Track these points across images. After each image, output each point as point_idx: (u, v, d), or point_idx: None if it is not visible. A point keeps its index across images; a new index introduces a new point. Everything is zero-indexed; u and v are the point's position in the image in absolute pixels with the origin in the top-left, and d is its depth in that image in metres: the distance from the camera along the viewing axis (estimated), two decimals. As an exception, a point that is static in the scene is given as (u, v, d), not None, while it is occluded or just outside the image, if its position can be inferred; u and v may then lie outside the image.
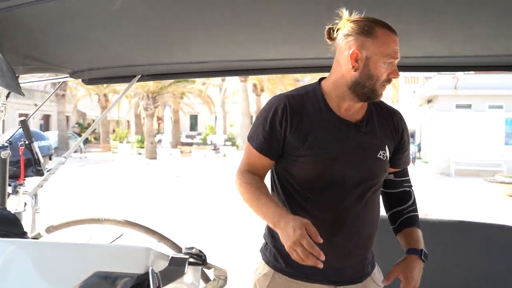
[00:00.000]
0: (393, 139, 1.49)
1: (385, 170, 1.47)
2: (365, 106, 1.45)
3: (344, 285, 1.47)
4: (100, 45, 1.88)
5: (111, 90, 27.44)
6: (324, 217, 1.38)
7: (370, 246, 1.50)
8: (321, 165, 1.38)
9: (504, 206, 10.31)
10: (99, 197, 10.44)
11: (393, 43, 1.34)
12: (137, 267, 1.11)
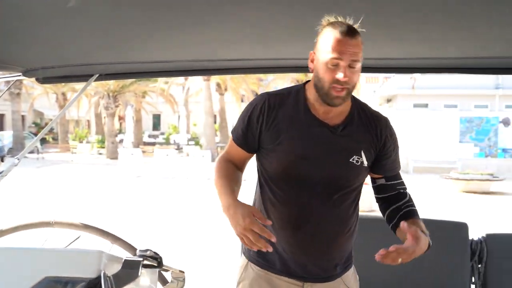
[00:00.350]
0: (373, 145, 1.49)
1: (358, 175, 1.48)
2: (346, 110, 1.47)
3: (310, 282, 1.52)
4: (54, 42, 1.81)
5: (70, 89, 26.66)
6: (290, 212, 1.47)
7: (339, 248, 1.52)
8: (289, 162, 1.44)
9: (458, 201, 10.74)
10: (55, 199, 10.11)
11: (338, 43, 1.32)
12: (89, 271, 1.09)
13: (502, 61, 1.97)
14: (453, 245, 2.25)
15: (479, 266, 2.26)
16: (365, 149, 1.47)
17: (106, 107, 23.46)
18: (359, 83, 27.71)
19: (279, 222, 1.48)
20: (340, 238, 1.51)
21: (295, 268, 1.50)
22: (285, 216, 1.47)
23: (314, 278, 1.51)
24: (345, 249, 1.55)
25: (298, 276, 1.51)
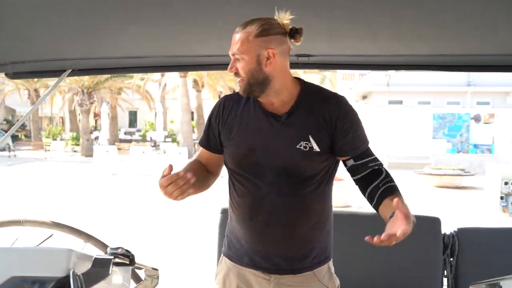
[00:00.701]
0: (324, 129, 1.48)
1: (309, 162, 1.48)
2: (293, 98, 1.51)
3: (277, 274, 1.53)
4: (25, 36, 1.77)
5: (43, 85, 26.02)
6: (245, 201, 1.53)
7: (300, 238, 1.52)
8: (240, 155, 1.53)
9: (431, 196, 10.97)
10: (27, 198, 9.89)
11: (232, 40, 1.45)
12: (57, 270, 1.06)
13: (473, 58, 2.02)
14: (427, 239, 2.29)
15: (451, 260, 2.31)
16: (313, 135, 1.47)
17: (81, 104, 23.02)
18: (336, 80, 28.03)
19: (240, 214, 1.55)
20: (298, 229, 1.51)
21: (259, 260, 1.53)
22: (243, 207, 1.54)
23: (280, 269, 1.53)
24: (312, 240, 1.54)
25: (264, 268, 1.54)
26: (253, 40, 1.41)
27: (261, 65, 1.44)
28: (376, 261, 2.29)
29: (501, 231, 2.39)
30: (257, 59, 1.43)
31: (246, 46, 1.42)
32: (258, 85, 1.45)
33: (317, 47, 1.92)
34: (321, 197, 1.54)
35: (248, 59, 1.43)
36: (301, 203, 1.50)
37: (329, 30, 1.67)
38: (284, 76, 1.49)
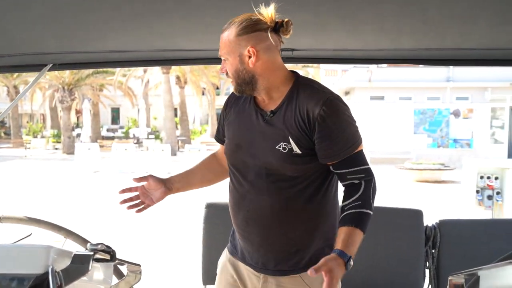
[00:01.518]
0: (304, 131, 1.40)
1: (290, 163, 1.40)
2: (282, 96, 1.45)
3: (262, 272, 1.53)
4: (3, 30, 1.73)
5: (22, 81, 25.54)
6: (232, 198, 1.57)
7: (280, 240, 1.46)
8: (229, 150, 1.57)
9: (412, 190, 11.14)
10: (7, 196, 9.71)
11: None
12: (36, 267, 1.06)
13: (453, 52, 2.06)
14: (409, 231, 2.33)
15: (433, 251, 2.35)
16: (293, 136, 1.40)
17: (61, 101, 22.64)
18: (319, 76, 28.15)
19: (230, 209, 1.59)
20: (277, 229, 1.45)
21: (248, 257, 1.55)
22: (230, 203, 1.58)
23: (265, 269, 1.51)
24: (297, 243, 1.47)
25: (252, 265, 1.54)
26: (234, 40, 1.40)
27: (245, 65, 1.41)
28: (360, 253, 2.30)
29: (481, 222, 2.45)
30: (240, 59, 1.41)
31: (228, 47, 1.42)
32: (246, 84, 1.44)
33: (301, 41, 1.93)
34: (309, 201, 1.44)
35: (232, 60, 1.43)
36: (280, 204, 1.44)
37: (313, 24, 1.68)
38: (273, 73, 1.43)
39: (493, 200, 5.71)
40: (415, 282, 2.31)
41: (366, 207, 1.38)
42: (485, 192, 5.73)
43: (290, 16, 1.58)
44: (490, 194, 5.73)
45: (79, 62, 2.35)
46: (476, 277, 1.16)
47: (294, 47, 2.02)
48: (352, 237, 1.33)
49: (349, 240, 1.32)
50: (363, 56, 2.22)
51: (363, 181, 1.41)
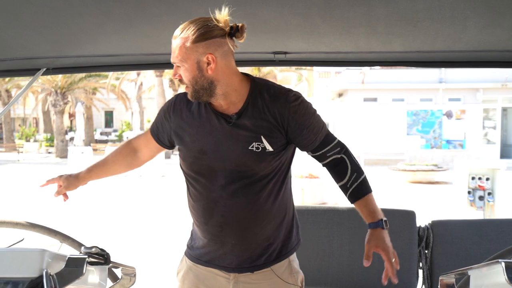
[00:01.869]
0: (276, 129, 1.45)
1: (262, 162, 1.45)
2: (243, 98, 1.46)
3: (235, 272, 1.54)
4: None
5: (15, 85, 25.38)
6: (199, 205, 1.52)
7: (255, 238, 1.50)
8: (191, 157, 1.51)
9: (405, 191, 11.20)
10: (0, 200, 9.64)
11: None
12: (30, 270, 1.06)
13: (444, 55, 2.08)
14: (402, 232, 2.35)
15: (426, 252, 2.37)
16: (265, 135, 1.44)
17: (54, 104, 22.54)
18: (312, 78, 28.23)
19: (197, 218, 1.55)
20: (253, 228, 1.49)
21: (218, 259, 1.54)
22: (198, 211, 1.53)
23: (238, 268, 1.53)
24: (269, 238, 1.52)
25: (223, 267, 1.54)
26: (191, 47, 1.36)
27: (203, 71, 1.39)
28: (354, 254, 2.34)
29: (473, 222, 2.47)
30: (197, 66, 1.38)
31: (184, 54, 1.37)
32: (204, 90, 1.41)
33: (294, 44, 1.94)
34: (277, 195, 1.51)
35: (188, 67, 1.38)
36: (255, 203, 1.48)
37: (306, 27, 1.69)
38: (230, 78, 1.44)
39: (485, 201, 5.75)
40: (408, 282, 2.33)
41: (361, 173, 1.54)
42: (476, 192, 5.78)
43: (282, 20, 1.60)
44: (482, 195, 5.78)
45: (72, 66, 2.34)
46: (466, 276, 1.18)
47: (287, 50, 2.03)
48: (370, 204, 1.51)
49: (371, 209, 1.50)
50: (355, 59, 2.24)
51: (343, 155, 1.54)
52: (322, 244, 2.35)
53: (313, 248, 2.35)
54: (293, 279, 1.57)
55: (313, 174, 8.73)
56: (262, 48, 2.00)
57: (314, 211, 2.41)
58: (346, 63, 2.34)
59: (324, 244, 2.35)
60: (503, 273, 1.00)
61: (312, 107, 1.52)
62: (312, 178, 8.71)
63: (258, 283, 1.53)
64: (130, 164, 1.76)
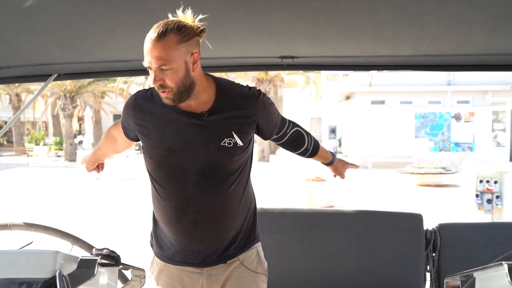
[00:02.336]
0: (247, 124, 1.53)
1: (232, 157, 1.50)
2: (211, 98, 1.49)
3: (208, 266, 1.57)
4: (10, 41, 1.77)
5: (24, 89, 25.60)
6: (170, 204, 1.52)
7: (227, 230, 1.56)
8: (159, 156, 1.50)
9: (413, 194, 11.13)
10: (10, 203, 9.74)
11: (146, 49, 1.36)
12: (44, 271, 1.09)
13: (451, 58, 2.09)
14: (409, 235, 2.35)
15: (433, 255, 2.37)
16: (236, 130, 1.49)
17: (63, 108, 22.74)
18: (320, 81, 28.18)
19: (165, 217, 1.55)
20: (227, 221, 1.54)
21: (191, 257, 1.56)
22: (168, 210, 1.53)
23: (211, 262, 1.57)
24: (236, 228, 1.58)
25: (195, 263, 1.57)
26: (178, 47, 1.35)
27: (189, 71, 1.39)
28: (361, 257, 2.34)
29: (480, 225, 2.46)
30: (185, 66, 1.38)
31: (171, 55, 1.34)
32: (185, 92, 1.41)
33: (301, 49, 1.96)
34: (245, 187, 1.59)
35: (176, 68, 1.36)
36: (228, 197, 1.53)
37: (313, 32, 1.71)
38: (202, 77, 1.47)
39: (493, 204, 5.71)
40: (416, 285, 2.33)
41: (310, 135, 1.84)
42: (484, 196, 5.73)
43: (289, 25, 1.61)
44: (490, 198, 5.73)
45: (82, 72, 2.38)
46: (471, 278, 1.19)
47: (294, 55, 2.05)
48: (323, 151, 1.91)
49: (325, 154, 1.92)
50: (362, 63, 2.25)
51: (297, 128, 1.77)
52: (329, 247, 2.35)
53: (320, 250, 2.36)
54: (261, 268, 1.65)
55: (320, 177, 8.72)
56: (269, 52, 2.02)
57: (321, 214, 2.42)
58: (353, 67, 2.35)
59: (331, 247, 2.35)
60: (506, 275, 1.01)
61: (271, 100, 1.65)
62: (319, 181, 8.69)
63: (229, 274, 1.58)
64: (117, 148, 1.84)
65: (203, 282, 1.58)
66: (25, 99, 26.86)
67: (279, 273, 2.18)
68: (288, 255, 2.35)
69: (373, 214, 2.41)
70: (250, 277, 1.61)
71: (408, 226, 2.36)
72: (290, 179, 11.62)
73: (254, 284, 1.62)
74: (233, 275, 1.59)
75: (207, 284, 1.58)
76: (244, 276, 1.60)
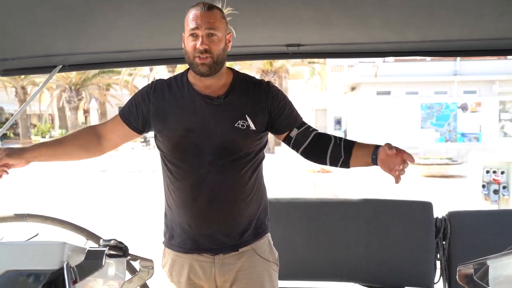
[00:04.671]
0: (261, 109, 1.59)
1: (246, 139, 1.56)
2: (228, 82, 1.59)
3: (220, 253, 1.58)
4: (14, 33, 1.76)
5: (30, 82, 25.72)
6: (186, 183, 1.56)
7: (240, 213, 1.58)
8: (178, 137, 1.55)
9: (418, 185, 11.12)
10: (17, 195, 9.82)
11: (194, 16, 1.45)
12: (52, 263, 1.09)
13: (459, 43, 2.06)
14: (419, 223, 2.34)
15: (444, 243, 2.35)
16: (249, 114, 1.56)
17: (69, 101, 22.85)
18: (325, 72, 28.09)
19: (180, 198, 1.58)
20: (239, 203, 1.58)
21: (203, 242, 1.57)
22: (183, 190, 1.57)
23: (223, 248, 1.58)
24: (249, 214, 1.61)
25: (207, 249, 1.58)
26: (223, 21, 1.48)
27: (226, 46, 1.51)
28: (370, 246, 2.33)
29: (491, 213, 2.44)
30: (225, 40, 1.50)
31: (220, 25, 1.46)
32: (220, 63, 1.50)
33: (307, 36, 1.93)
34: (255, 173, 1.62)
35: (220, 37, 1.47)
36: (240, 179, 1.57)
37: (319, 19, 1.69)
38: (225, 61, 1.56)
39: (500, 195, 5.67)
40: (426, 273, 2.32)
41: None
42: (491, 186, 5.70)
43: (295, 12, 1.59)
44: (496, 189, 5.70)
45: (87, 63, 2.37)
46: (485, 266, 1.17)
47: (301, 42, 2.02)
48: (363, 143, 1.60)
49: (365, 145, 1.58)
50: (369, 50, 2.22)
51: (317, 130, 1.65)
52: (337, 237, 2.34)
53: (328, 240, 2.35)
54: (273, 257, 1.68)
55: (325, 169, 8.72)
56: (275, 41, 2.00)
57: (330, 203, 2.40)
58: (360, 54, 2.32)
59: (339, 237, 2.34)
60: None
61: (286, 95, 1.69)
62: (324, 172, 8.70)
63: (242, 263, 1.60)
64: (89, 149, 1.65)
65: (215, 271, 1.59)
66: (30, 92, 26.98)
67: (288, 263, 2.17)
68: (296, 245, 2.35)
69: (382, 203, 2.39)
70: (262, 266, 1.62)
71: (417, 214, 2.34)
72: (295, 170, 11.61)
73: (267, 272, 1.63)
74: (246, 264, 1.60)
75: (219, 273, 1.59)
76: (257, 266, 1.61)
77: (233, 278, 1.59)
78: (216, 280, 1.60)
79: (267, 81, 1.66)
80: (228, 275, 1.59)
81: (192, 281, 1.61)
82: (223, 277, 1.59)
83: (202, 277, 1.60)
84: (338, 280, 2.36)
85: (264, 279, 1.61)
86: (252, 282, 1.59)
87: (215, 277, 1.59)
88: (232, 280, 1.60)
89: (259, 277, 1.61)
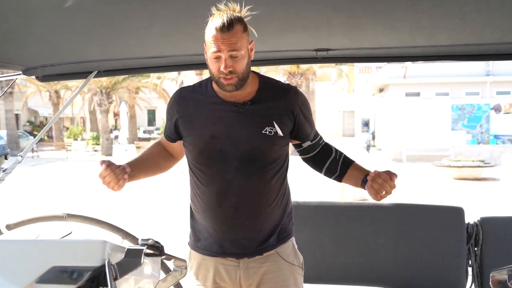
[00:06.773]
0: (286, 115, 1.58)
1: (273, 146, 1.56)
2: (254, 89, 1.58)
3: (245, 257, 1.59)
4: (53, 40, 1.84)
5: (63, 87, 26.47)
6: (211, 189, 1.57)
7: (266, 218, 1.59)
8: (203, 143, 1.57)
9: (449, 188, 10.86)
10: (52, 196, 10.11)
11: (215, 39, 1.43)
12: (94, 260, 1.12)
13: (492, 47, 2.02)
14: (450, 229, 2.30)
15: (475, 249, 2.31)
16: (277, 120, 1.56)
17: (100, 104, 23.37)
18: (353, 73, 27.79)
19: (206, 203, 1.59)
20: (265, 209, 1.58)
21: (229, 247, 1.59)
22: (209, 195, 1.58)
23: (248, 252, 1.59)
24: (274, 220, 1.61)
25: (233, 254, 1.59)
26: (243, 36, 1.45)
27: (249, 58, 1.50)
28: (399, 252, 2.31)
29: (524, 219, 2.38)
30: (247, 53, 1.49)
31: (241, 42, 1.44)
32: (246, 78, 1.51)
33: (336, 41, 1.94)
34: (282, 179, 1.62)
35: (243, 55, 1.46)
36: (266, 185, 1.57)
37: (348, 24, 1.69)
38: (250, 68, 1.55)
39: (536, 198, 5.48)
40: (457, 280, 2.28)
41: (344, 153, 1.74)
42: (525, 189, 5.51)
43: (324, 17, 1.60)
44: (533, 192, 5.50)
45: (121, 68, 2.44)
46: (519, 273, 1.15)
47: (330, 47, 2.03)
48: (359, 165, 1.68)
49: (361, 168, 1.66)
50: (399, 54, 2.20)
51: (327, 142, 1.74)
52: (366, 241, 2.33)
53: (357, 245, 2.34)
54: (297, 261, 1.68)
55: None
56: (304, 45, 2.01)
57: (358, 208, 2.40)
58: (389, 58, 2.30)
59: (368, 241, 2.33)
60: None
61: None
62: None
63: (267, 267, 1.60)
64: (167, 158, 1.79)
65: (240, 275, 1.60)
66: (63, 96, 27.75)
67: (315, 267, 2.18)
68: (324, 249, 2.35)
69: (411, 208, 2.36)
70: (287, 270, 1.63)
71: (448, 220, 2.30)
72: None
73: (292, 277, 1.63)
74: (271, 268, 1.61)
75: (244, 277, 1.60)
76: (282, 269, 1.62)
77: (258, 281, 1.60)
78: (241, 284, 1.61)
79: (293, 86, 1.67)
80: (253, 278, 1.60)
81: (217, 285, 1.63)
82: (248, 280, 1.60)
83: (227, 281, 1.62)
84: (366, 285, 2.35)
85: (289, 282, 1.62)
86: (277, 285, 1.60)
87: (240, 281, 1.61)
88: (257, 284, 1.61)
89: (285, 280, 1.61)
